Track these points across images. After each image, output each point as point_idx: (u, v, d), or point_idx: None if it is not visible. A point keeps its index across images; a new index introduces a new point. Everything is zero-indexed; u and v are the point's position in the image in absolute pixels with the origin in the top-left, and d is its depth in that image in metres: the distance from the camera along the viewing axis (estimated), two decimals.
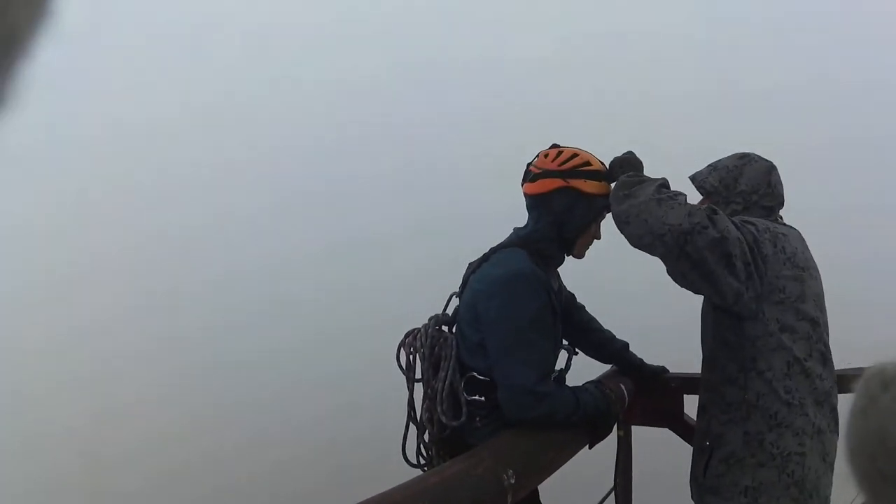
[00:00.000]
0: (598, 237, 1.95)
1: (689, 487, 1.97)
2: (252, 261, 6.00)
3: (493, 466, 1.48)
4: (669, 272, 1.73)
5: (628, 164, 1.88)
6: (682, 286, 1.75)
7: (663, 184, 1.77)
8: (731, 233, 1.65)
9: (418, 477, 1.39)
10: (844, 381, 1.90)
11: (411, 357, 1.93)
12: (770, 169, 1.96)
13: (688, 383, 2.38)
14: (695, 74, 5.57)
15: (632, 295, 4.66)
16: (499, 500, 1.43)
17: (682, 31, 5.62)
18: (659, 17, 5.57)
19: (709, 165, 2.02)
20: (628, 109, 5.58)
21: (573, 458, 1.95)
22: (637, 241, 1.73)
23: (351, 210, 6.06)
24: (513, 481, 1.48)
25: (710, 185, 1.95)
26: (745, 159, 1.96)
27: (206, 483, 5.22)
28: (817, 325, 1.81)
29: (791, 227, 1.95)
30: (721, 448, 1.80)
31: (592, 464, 2.20)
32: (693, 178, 2.02)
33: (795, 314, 1.77)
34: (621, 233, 1.77)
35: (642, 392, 2.36)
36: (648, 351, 2.44)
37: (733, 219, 1.75)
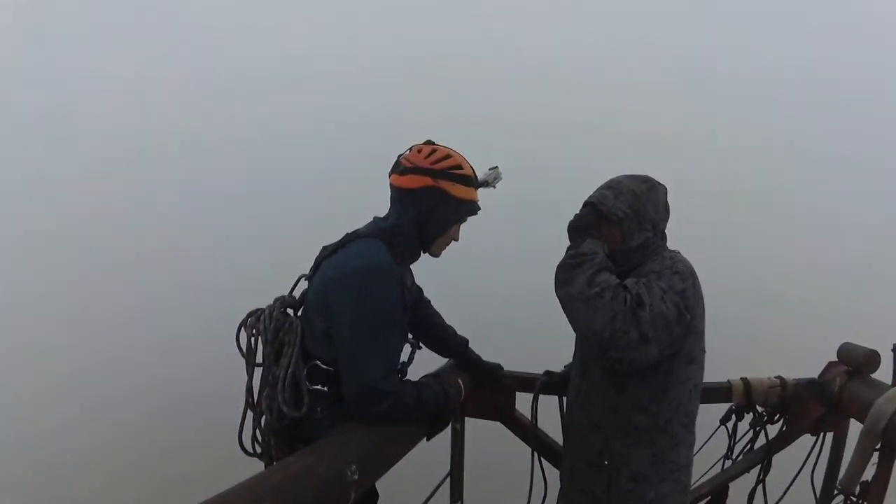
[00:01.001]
0: (457, 239, 1.98)
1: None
2: None
3: (337, 462, 1.46)
4: None
5: (575, 230, 1.92)
6: None
7: (597, 269, 1.78)
8: (657, 326, 1.69)
9: (261, 474, 1.32)
10: None
11: (252, 339, 1.82)
12: (666, 192, 2.00)
13: (521, 382, 2.53)
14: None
15: (477, 293, 4.87)
16: (343, 496, 1.43)
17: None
18: None
19: (610, 188, 1.95)
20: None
21: None
22: (573, 327, 1.84)
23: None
24: (356, 477, 1.48)
25: (622, 212, 1.89)
26: (648, 183, 1.95)
27: None
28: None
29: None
30: (627, 467, 1.90)
31: (427, 451, 2.26)
32: (599, 204, 1.92)
33: (700, 345, 1.89)
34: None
35: (478, 387, 2.47)
36: (484, 348, 2.56)
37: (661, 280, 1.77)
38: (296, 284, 1.93)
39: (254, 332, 1.81)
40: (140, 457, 5.11)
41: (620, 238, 1.92)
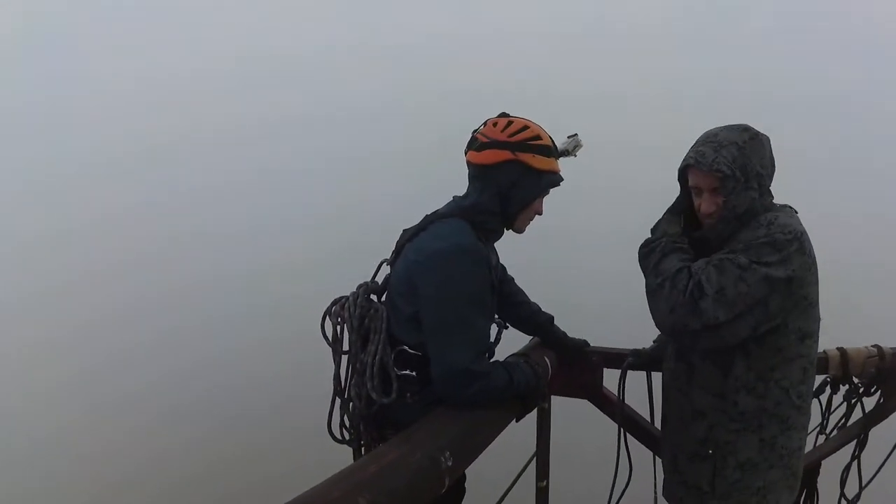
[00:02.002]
0: (541, 213, 1.90)
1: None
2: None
3: (430, 450, 1.42)
4: None
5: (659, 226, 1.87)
6: None
7: (661, 256, 1.70)
8: (731, 309, 1.57)
9: (355, 466, 1.30)
10: None
11: (338, 328, 1.82)
12: (769, 141, 1.76)
13: (608, 357, 2.44)
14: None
15: (559, 270, 4.76)
16: (436, 484, 1.39)
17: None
18: None
19: (708, 142, 1.72)
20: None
21: None
22: None
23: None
24: (450, 463, 1.44)
25: (727, 167, 1.66)
26: (749, 133, 1.72)
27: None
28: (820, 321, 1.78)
29: (791, 209, 1.81)
30: (734, 456, 1.78)
31: (513, 431, 2.23)
32: (699, 164, 1.70)
33: (813, 318, 1.74)
34: None
35: (564, 365, 2.39)
36: (570, 325, 2.48)
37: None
38: (378, 270, 1.91)
39: (339, 320, 1.80)
40: (161, 452, 5.36)
41: (723, 201, 1.70)
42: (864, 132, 5.24)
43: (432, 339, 1.66)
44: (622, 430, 2.38)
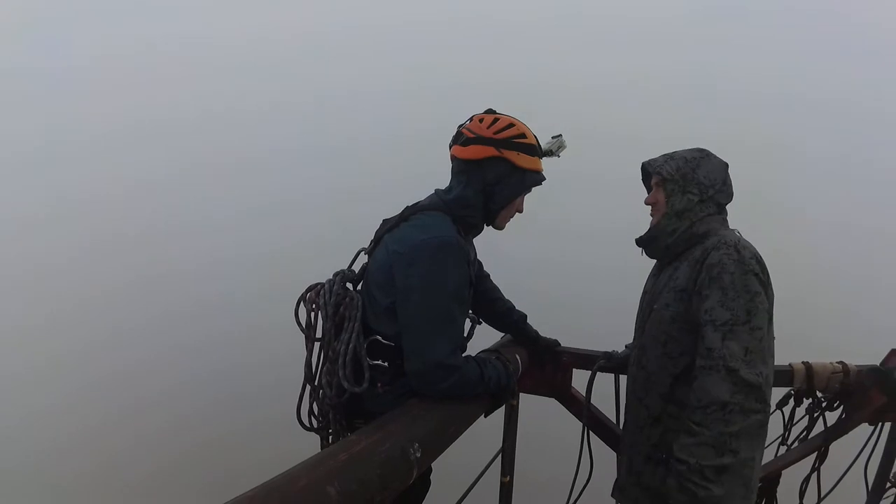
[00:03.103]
0: (521, 210, 1.91)
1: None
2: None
3: (401, 441, 1.42)
4: None
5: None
6: None
7: (724, 441, 1.64)
8: (763, 361, 1.65)
9: (325, 453, 1.29)
10: None
11: (312, 314, 1.80)
12: (726, 166, 1.96)
13: (579, 358, 2.48)
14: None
15: (534, 269, 4.79)
16: (405, 475, 1.39)
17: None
18: None
19: (664, 154, 1.99)
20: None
21: None
22: None
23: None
24: (419, 455, 1.44)
25: (667, 173, 1.91)
26: (703, 153, 1.96)
27: None
28: None
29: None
30: None
31: (480, 426, 2.24)
32: (649, 164, 1.99)
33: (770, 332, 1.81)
34: None
35: (535, 363, 2.42)
36: (541, 323, 2.50)
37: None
38: (355, 258, 1.89)
39: (313, 306, 1.78)
40: (132, 442, 5.31)
41: (665, 202, 1.91)
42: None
43: (409, 330, 1.66)
44: (586, 428, 2.42)
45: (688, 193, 1.88)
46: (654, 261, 2.09)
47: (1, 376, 5.11)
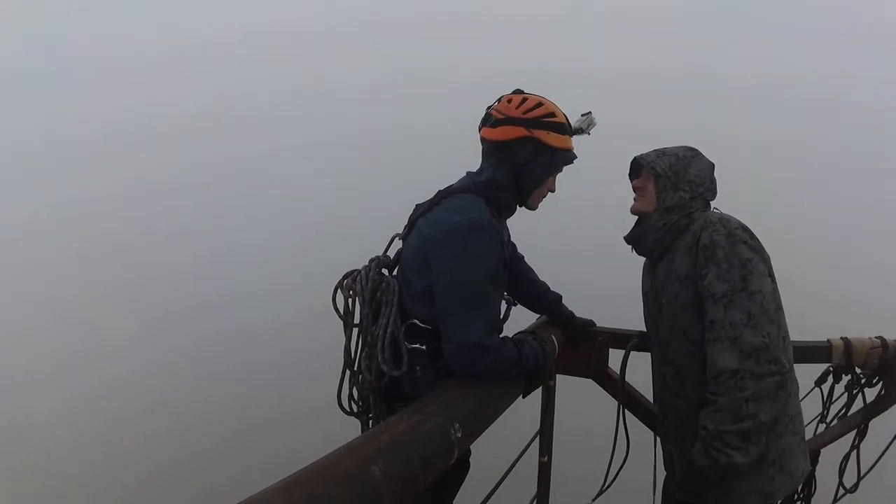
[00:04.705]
0: (553, 190, 1.90)
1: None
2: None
3: (441, 421, 1.44)
4: None
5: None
6: None
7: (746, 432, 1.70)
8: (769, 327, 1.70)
9: (367, 434, 1.31)
10: None
11: (350, 301, 1.83)
12: (713, 166, 2.03)
13: (614, 338, 2.46)
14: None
15: (567, 250, 4.74)
16: (447, 455, 1.40)
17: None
18: None
19: (655, 150, 2.04)
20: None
21: None
22: None
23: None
24: (459, 435, 1.45)
25: (661, 169, 1.96)
26: (693, 151, 2.02)
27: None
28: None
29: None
30: None
31: (517, 408, 2.25)
32: (642, 159, 2.03)
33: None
34: None
35: (570, 344, 2.41)
36: (577, 304, 2.49)
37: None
38: (390, 244, 1.91)
39: (350, 293, 1.80)
40: (169, 430, 5.38)
41: (656, 196, 1.95)
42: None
43: (446, 313, 1.66)
44: (622, 407, 2.41)
45: (680, 191, 1.95)
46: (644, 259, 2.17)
47: (1, 377, 5.22)
